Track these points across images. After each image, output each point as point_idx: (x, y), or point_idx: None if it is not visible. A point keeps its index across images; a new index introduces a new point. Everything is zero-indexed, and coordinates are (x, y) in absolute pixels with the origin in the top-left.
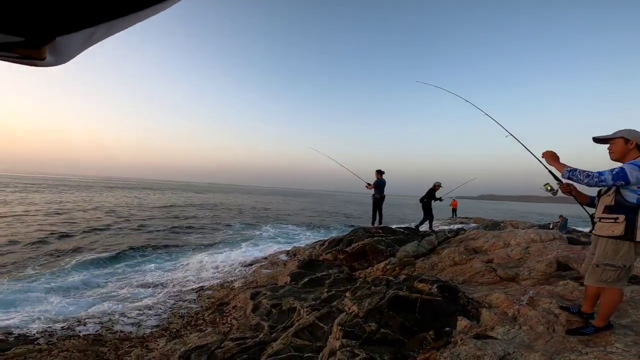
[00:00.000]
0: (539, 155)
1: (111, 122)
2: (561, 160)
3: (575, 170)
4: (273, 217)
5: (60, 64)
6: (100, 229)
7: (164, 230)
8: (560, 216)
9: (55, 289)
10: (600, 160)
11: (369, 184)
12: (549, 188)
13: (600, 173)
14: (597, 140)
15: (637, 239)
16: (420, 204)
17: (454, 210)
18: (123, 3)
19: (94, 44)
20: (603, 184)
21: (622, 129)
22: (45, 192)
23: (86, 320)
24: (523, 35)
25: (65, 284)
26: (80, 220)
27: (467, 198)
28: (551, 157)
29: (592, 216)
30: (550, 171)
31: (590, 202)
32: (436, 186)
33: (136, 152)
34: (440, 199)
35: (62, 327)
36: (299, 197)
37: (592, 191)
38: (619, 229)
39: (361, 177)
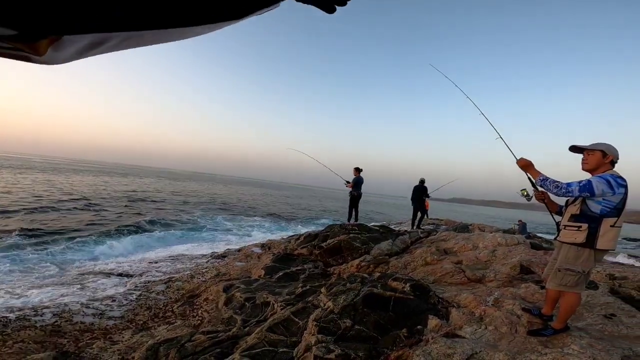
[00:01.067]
0: (516, 162)
1: (89, 102)
2: (537, 167)
3: (547, 179)
4: (241, 208)
5: (59, 63)
6: (54, 209)
7: (123, 214)
8: (520, 220)
9: (3, 274)
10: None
11: (348, 182)
12: (525, 194)
13: (568, 184)
14: (574, 149)
15: (597, 247)
16: (417, 202)
17: (426, 212)
18: (146, 17)
19: (107, 52)
20: (570, 195)
21: (601, 142)
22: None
23: (43, 310)
24: (519, 32)
25: (15, 267)
26: (31, 199)
27: (439, 200)
28: (526, 164)
29: (557, 224)
30: (529, 178)
31: (560, 210)
32: (422, 182)
33: (112, 135)
34: (428, 196)
35: (16, 316)
36: (279, 190)
37: (562, 201)
38: (581, 236)
39: (341, 175)
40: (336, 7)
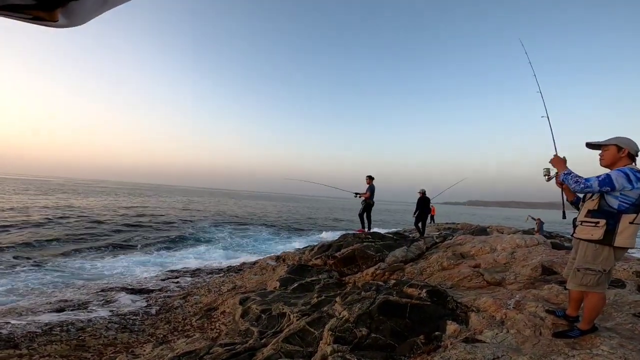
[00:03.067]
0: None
1: (95, 120)
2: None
3: (570, 174)
4: (253, 221)
5: (73, 26)
6: (73, 226)
7: (140, 232)
8: (538, 219)
9: (26, 288)
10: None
11: (357, 194)
12: (546, 172)
13: (587, 180)
14: (590, 145)
15: (615, 245)
16: (423, 213)
17: (432, 217)
18: None
19: (110, 8)
20: (589, 190)
21: (616, 136)
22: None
23: (68, 325)
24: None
25: (41, 283)
26: (49, 216)
27: (455, 204)
28: (559, 161)
29: (574, 220)
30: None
31: (576, 201)
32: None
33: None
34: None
35: (43, 331)
36: (289, 202)
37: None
38: (598, 233)
39: (348, 190)
40: None
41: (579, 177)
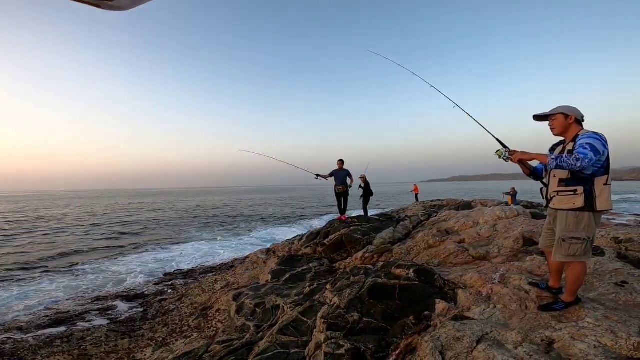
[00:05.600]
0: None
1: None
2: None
3: (560, 157)
4: (240, 218)
5: (128, 8)
6: (64, 233)
7: (128, 237)
8: (512, 188)
9: (22, 301)
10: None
11: (318, 175)
12: (500, 155)
13: (583, 155)
14: (538, 117)
15: (598, 209)
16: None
17: (417, 196)
18: None
19: None
20: (591, 163)
21: (559, 105)
22: None
23: (69, 335)
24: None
25: (31, 295)
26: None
27: (439, 181)
28: (523, 157)
29: (541, 190)
30: (497, 139)
31: (534, 170)
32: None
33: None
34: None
35: (45, 343)
36: (275, 194)
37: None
38: (579, 200)
39: (310, 171)
40: None
41: (575, 154)
